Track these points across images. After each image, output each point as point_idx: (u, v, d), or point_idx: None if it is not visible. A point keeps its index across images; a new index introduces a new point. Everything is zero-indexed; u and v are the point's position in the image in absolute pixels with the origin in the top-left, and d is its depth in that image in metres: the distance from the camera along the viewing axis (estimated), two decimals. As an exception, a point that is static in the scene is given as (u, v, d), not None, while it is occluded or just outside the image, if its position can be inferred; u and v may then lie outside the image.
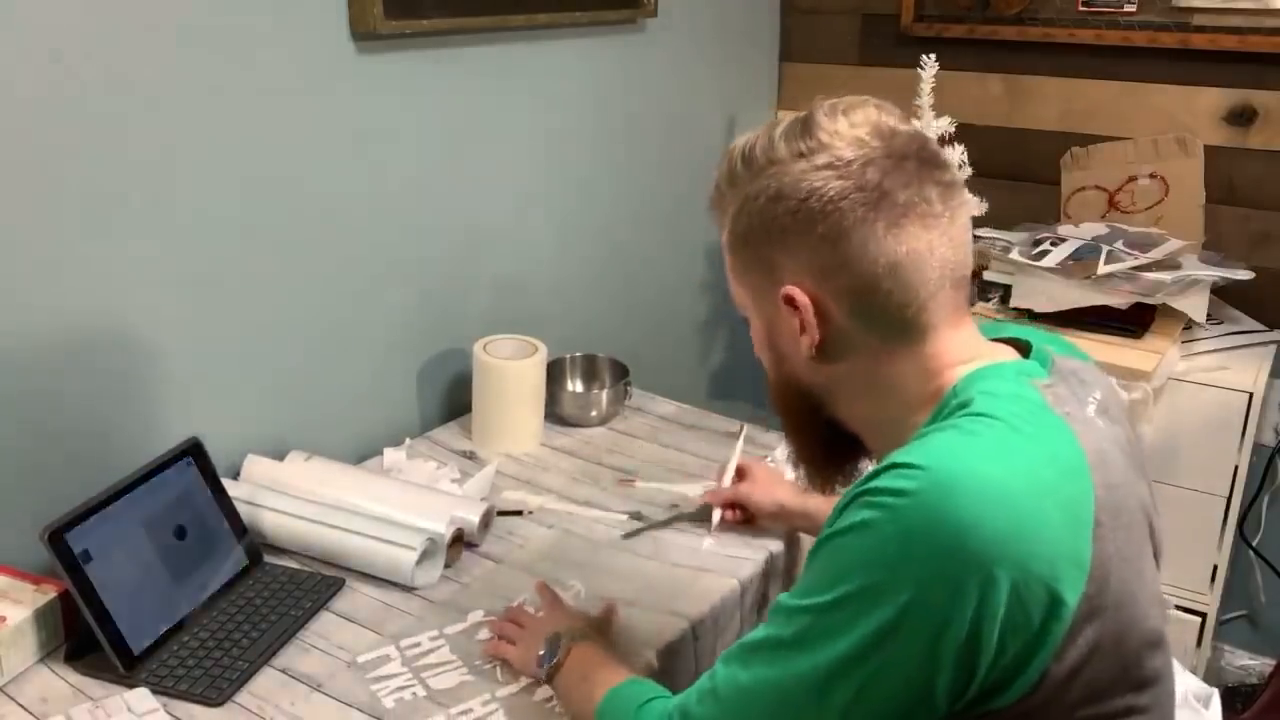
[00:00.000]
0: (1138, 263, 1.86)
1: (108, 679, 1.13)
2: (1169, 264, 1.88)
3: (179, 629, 1.20)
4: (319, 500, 1.40)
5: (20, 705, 1.09)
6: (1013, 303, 1.96)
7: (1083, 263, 1.88)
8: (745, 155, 0.89)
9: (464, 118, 1.74)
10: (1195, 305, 1.89)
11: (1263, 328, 2.02)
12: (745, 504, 1.43)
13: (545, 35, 1.85)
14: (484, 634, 1.22)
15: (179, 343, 1.41)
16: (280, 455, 1.51)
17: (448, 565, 1.35)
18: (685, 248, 2.36)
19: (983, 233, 2.10)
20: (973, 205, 1.98)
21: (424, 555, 1.30)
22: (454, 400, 1.82)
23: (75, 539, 1.13)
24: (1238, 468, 1.83)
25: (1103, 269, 1.85)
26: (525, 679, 1.14)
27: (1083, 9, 2.12)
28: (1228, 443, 1.82)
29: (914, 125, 0.89)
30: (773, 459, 1.62)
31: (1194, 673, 1.72)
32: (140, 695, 1.09)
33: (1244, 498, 1.87)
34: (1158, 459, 1.86)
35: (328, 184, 1.55)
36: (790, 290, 0.86)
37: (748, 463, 1.47)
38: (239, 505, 1.35)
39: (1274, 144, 2.02)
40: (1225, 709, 1.21)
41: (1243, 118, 2.03)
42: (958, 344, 0.87)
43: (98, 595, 1.13)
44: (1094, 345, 1.86)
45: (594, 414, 1.77)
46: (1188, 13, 2.02)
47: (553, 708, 1.10)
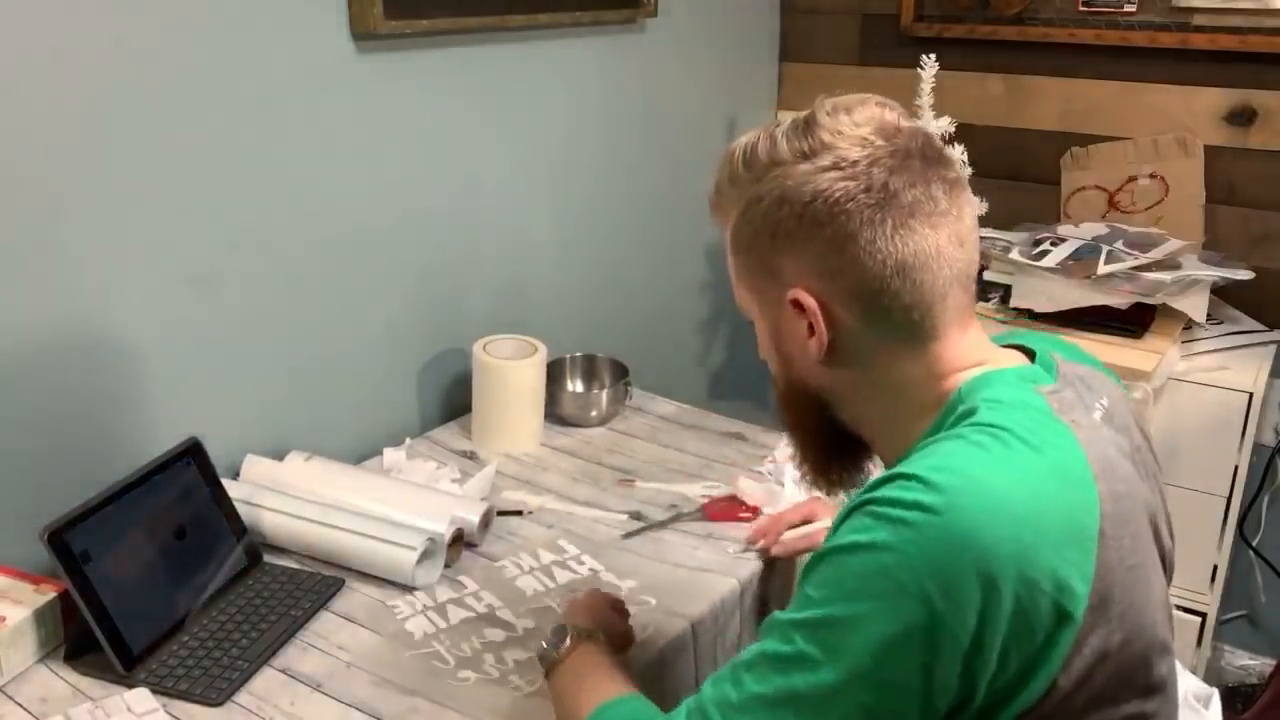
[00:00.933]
0: (1138, 263, 1.87)
1: (107, 679, 1.13)
2: (1169, 264, 1.88)
3: (179, 629, 1.20)
4: (319, 500, 1.40)
5: (20, 705, 1.09)
6: (1013, 303, 1.96)
7: (1083, 263, 1.88)
8: (746, 157, 0.88)
9: (464, 118, 1.74)
10: (1195, 305, 1.89)
11: (1263, 328, 2.02)
12: (823, 512, 1.37)
13: (545, 35, 1.85)
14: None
15: (179, 343, 1.41)
16: (280, 455, 1.51)
17: (447, 565, 1.35)
18: (685, 248, 2.36)
19: (983, 233, 2.09)
20: (975, 204, 1.99)
21: (424, 555, 1.30)
22: (454, 400, 1.82)
23: (75, 539, 1.13)
24: (1238, 468, 1.83)
25: (1103, 269, 1.85)
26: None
27: (1083, 9, 2.12)
28: (1228, 443, 1.82)
29: (916, 122, 0.88)
30: (773, 459, 1.62)
31: (1194, 673, 1.72)
32: (140, 695, 1.09)
33: (1244, 498, 1.87)
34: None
35: (327, 184, 1.55)
36: (797, 294, 0.85)
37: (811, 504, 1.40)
38: (239, 505, 1.35)
39: (1274, 144, 2.02)
40: (1225, 709, 1.21)
41: (1243, 118, 2.03)
42: (965, 347, 0.86)
43: (97, 595, 1.13)
44: (1094, 345, 1.86)
45: (594, 414, 1.77)
46: (1188, 13, 2.02)
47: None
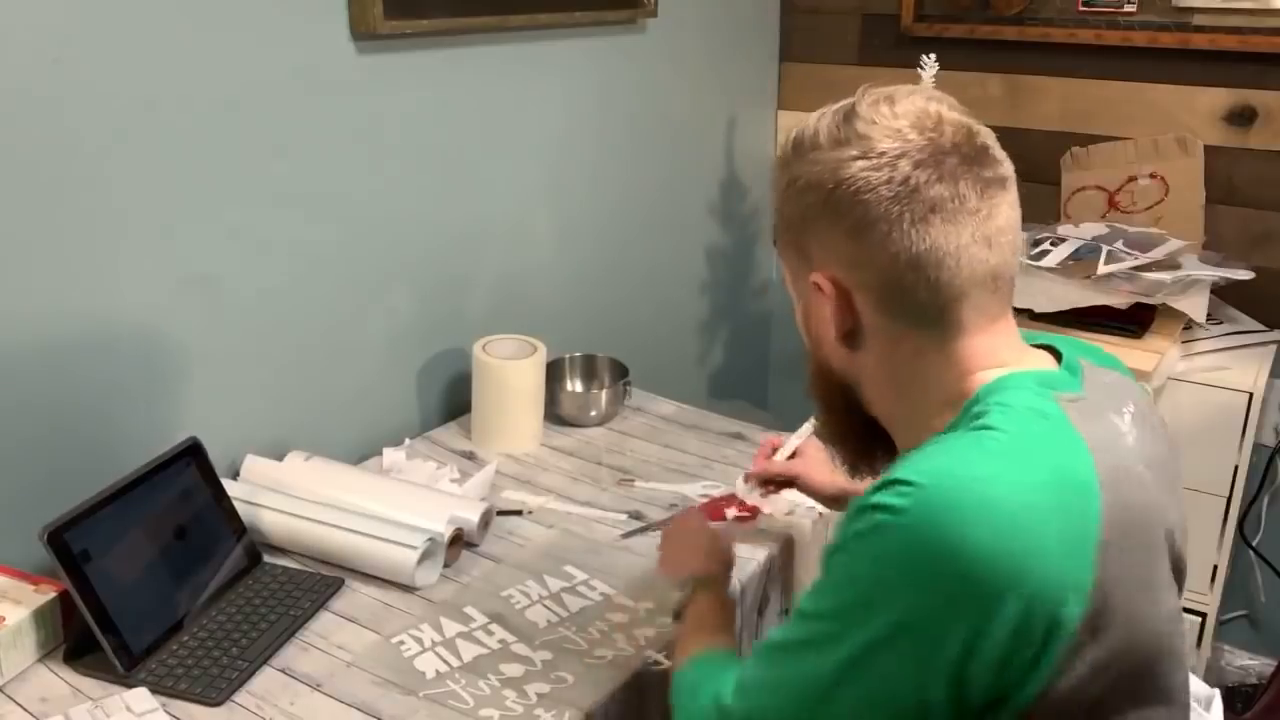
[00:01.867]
0: (1138, 263, 1.86)
1: (107, 679, 1.13)
2: (1169, 264, 1.88)
3: (178, 629, 1.20)
4: (319, 500, 1.40)
5: (19, 705, 1.09)
6: (1013, 303, 1.96)
7: (1083, 263, 1.88)
8: (797, 139, 0.89)
9: (464, 118, 1.74)
10: (1195, 305, 1.89)
11: (1263, 328, 2.02)
12: (801, 482, 1.38)
13: (545, 35, 1.85)
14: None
15: (179, 342, 1.41)
16: (280, 455, 1.51)
17: (447, 565, 1.35)
18: (685, 248, 2.36)
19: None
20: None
21: (424, 555, 1.30)
22: (454, 400, 1.82)
23: (75, 539, 1.13)
24: (1238, 468, 1.83)
25: (1103, 269, 1.85)
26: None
27: (1083, 9, 2.12)
28: (1228, 443, 1.82)
29: (967, 118, 0.88)
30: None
31: (1194, 673, 1.72)
32: (139, 695, 1.09)
33: (1244, 498, 1.87)
34: (1158, 459, 1.86)
35: (327, 184, 1.55)
36: (818, 278, 0.86)
37: (803, 444, 1.41)
38: (239, 505, 1.35)
39: (1274, 144, 2.02)
40: (1227, 710, 1.21)
41: (1243, 118, 2.03)
42: (988, 348, 0.85)
43: (97, 595, 1.13)
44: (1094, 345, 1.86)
45: (594, 414, 1.77)
46: (1188, 13, 2.02)
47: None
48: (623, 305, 2.21)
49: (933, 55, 1.95)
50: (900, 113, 0.85)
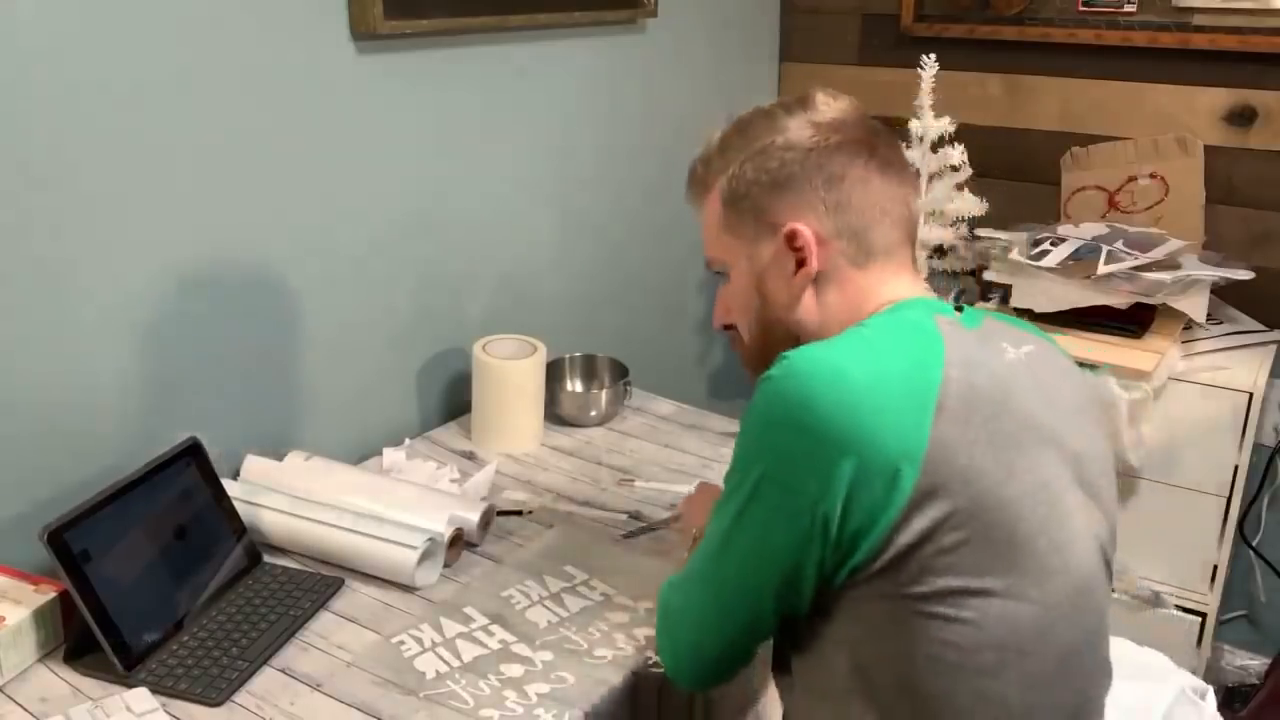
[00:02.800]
0: (1138, 263, 1.86)
1: (107, 679, 1.13)
2: (1169, 264, 1.88)
3: (178, 629, 1.20)
4: (319, 500, 1.40)
5: (19, 705, 1.09)
6: (1013, 303, 1.96)
7: (1083, 263, 1.88)
8: (740, 127, 1.05)
9: (464, 118, 1.74)
10: (1195, 305, 1.89)
11: (1263, 328, 2.02)
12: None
13: (545, 35, 1.85)
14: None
15: (179, 342, 1.41)
16: (280, 455, 1.51)
17: (447, 565, 1.35)
18: (685, 248, 2.36)
19: (983, 233, 2.10)
20: (973, 204, 1.99)
21: (424, 555, 1.30)
22: (454, 400, 1.83)
23: (75, 539, 1.13)
24: (1238, 468, 1.83)
25: (1103, 269, 1.85)
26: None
27: (1083, 9, 2.12)
28: (1228, 443, 1.82)
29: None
30: None
31: (1194, 673, 1.72)
32: (139, 695, 1.09)
33: (1244, 498, 1.87)
34: (1158, 459, 1.86)
35: (327, 184, 1.55)
36: (796, 226, 0.99)
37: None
38: (238, 505, 1.35)
39: (1274, 144, 2.02)
40: (1225, 709, 1.22)
41: (1243, 118, 2.03)
42: (905, 284, 1.01)
43: (97, 595, 1.13)
44: (1094, 345, 1.86)
45: (593, 414, 1.77)
46: (1188, 13, 2.02)
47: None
48: (623, 305, 2.21)
49: (933, 55, 1.95)
50: (845, 102, 1.04)
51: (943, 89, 1.97)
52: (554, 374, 1.79)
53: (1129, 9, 2.07)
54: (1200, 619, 1.92)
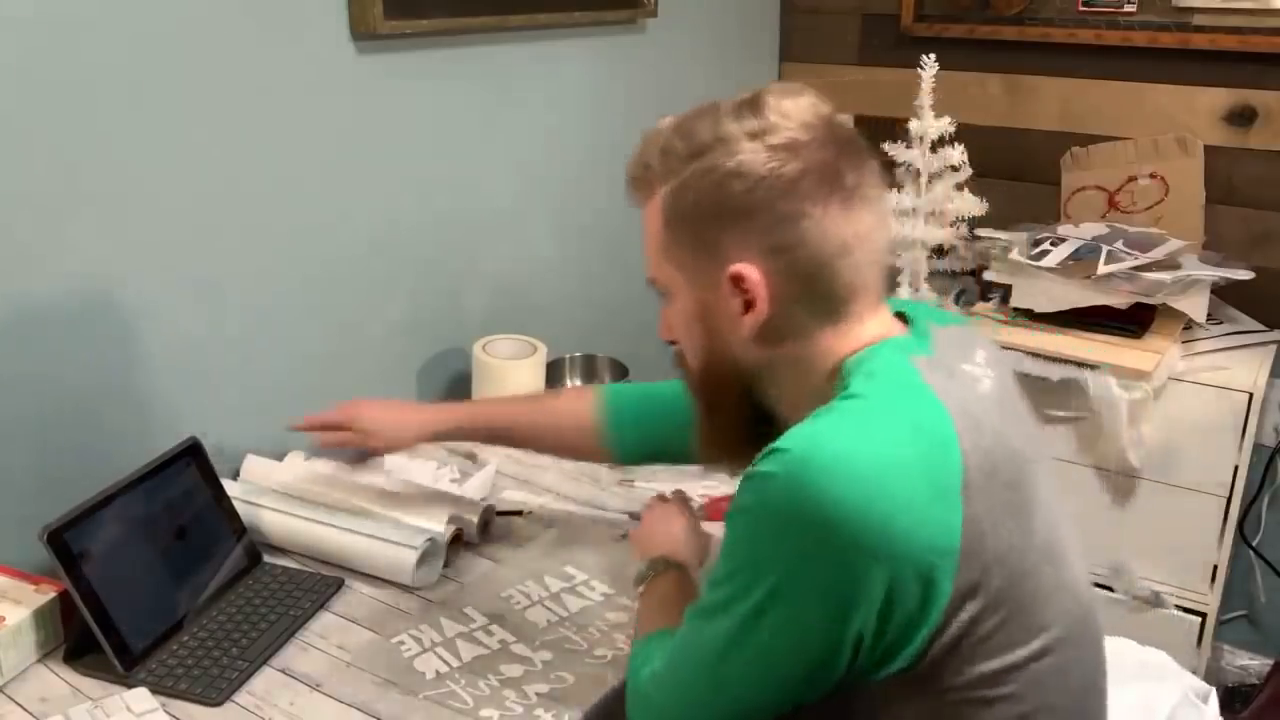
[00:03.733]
0: (1138, 263, 1.86)
1: (107, 679, 1.13)
2: (1169, 264, 1.88)
3: (178, 629, 1.20)
4: (319, 500, 1.40)
5: (19, 705, 1.09)
6: (1013, 303, 1.96)
7: (1083, 263, 1.88)
8: (683, 129, 0.90)
9: (464, 118, 1.74)
10: (1195, 305, 1.89)
11: (1263, 328, 2.02)
12: (363, 429, 1.35)
13: (545, 35, 1.85)
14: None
15: (178, 342, 1.41)
16: (280, 455, 1.51)
17: (447, 565, 1.35)
18: (685, 248, 2.36)
19: (983, 233, 2.10)
20: (973, 204, 1.98)
21: (424, 555, 1.30)
22: (453, 400, 1.82)
23: (75, 539, 1.13)
24: (1238, 468, 1.83)
25: (1103, 269, 1.85)
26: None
27: (1083, 9, 2.12)
28: (1228, 443, 1.81)
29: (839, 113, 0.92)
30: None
31: (1194, 673, 1.72)
32: (139, 695, 1.09)
33: (1244, 498, 1.87)
34: (1158, 459, 1.86)
35: (327, 184, 1.55)
36: (740, 268, 0.86)
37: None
38: (238, 505, 1.35)
39: (1274, 144, 2.02)
40: (1225, 710, 1.21)
41: (1243, 118, 2.03)
42: (873, 326, 0.90)
43: (97, 595, 1.13)
44: (1094, 345, 1.86)
45: (594, 414, 1.77)
46: (1188, 13, 2.02)
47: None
48: (623, 305, 2.20)
49: (933, 55, 1.95)
50: (803, 105, 0.88)
51: (943, 89, 1.97)
52: (554, 374, 1.79)
53: (1129, 9, 2.07)
54: (1200, 619, 1.92)
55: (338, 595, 1.29)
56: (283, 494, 1.40)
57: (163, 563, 1.22)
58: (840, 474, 0.75)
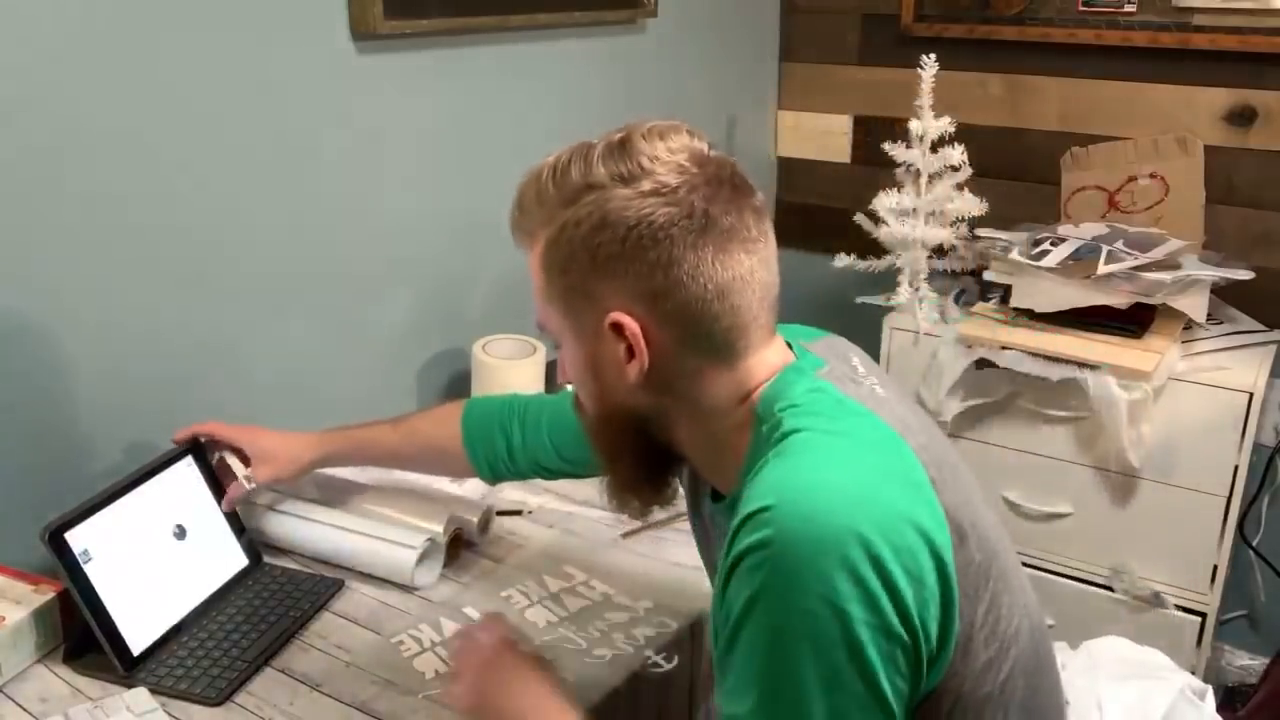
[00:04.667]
0: (1138, 263, 1.86)
1: (107, 679, 1.13)
2: (1169, 264, 1.88)
3: (178, 629, 1.20)
4: (319, 500, 1.40)
5: (19, 705, 1.09)
6: (1013, 303, 1.96)
7: (1083, 263, 1.88)
8: (557, 176, 0.87)
9: (464, 117, 1.74)
10: (1195, 305, 1.89)
11: (1263, 328, 2.01)
12: (260, 457, 1.33)
13: (545, 35, 1.85)
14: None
15: (178, 343, 1.41)
16: (280, 455, 1.51)
17: (446, 565, 1.35)
18: (685, 248, 2.36)
19: (983, 233, 2.09)
20: (973, 204, 1.98)
21: (424, 555, 1.30)
22: (454, 400, 1.82)
23: (75, 539, 1.13)
24: (1238, 468, 1.82)
25: (1103, 269, 1.85)
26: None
27: (1083, 9, 2.12)
28: (1228, 443, 1.81)
29: (722, 152, 0.90)
30: None
31: (1193, 672, 1.72)
32: (139, 695, 1.09)
33: (1244, 498, 1.87)
34: (1158, 459, 1.86)
35: (327, 184, 1.55)
36: (618, 317, 0.85)
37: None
38: (239, 505, 1.35)
39: (1274, 144, 2.02)
40: (1225, 709, 1.22)
41: (1243, 118, 2.03)
42: (766, 362, 0.88)
43: (97, 595, 1.13)
44: (1094, 345, 1.86)
45: (594, 414, 1.77)
46: (1188, 13, 2.02)
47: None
48: (623, 305, 2.20)
49: (933, 55, 1.95)
50: (675, 147, 0.85)
51: (943, 89, 1.96)
52: (554, 374, 1.79)
53: (1129, 9, 2.07)
54: (1200, 619, 1.91)
55: (338, 595, 1.29)
56: (283, 494, 1.41)
57: (163, 563, 1.22)
58: (835, 499, 0.75)
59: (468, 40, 1.71)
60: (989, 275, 2.00)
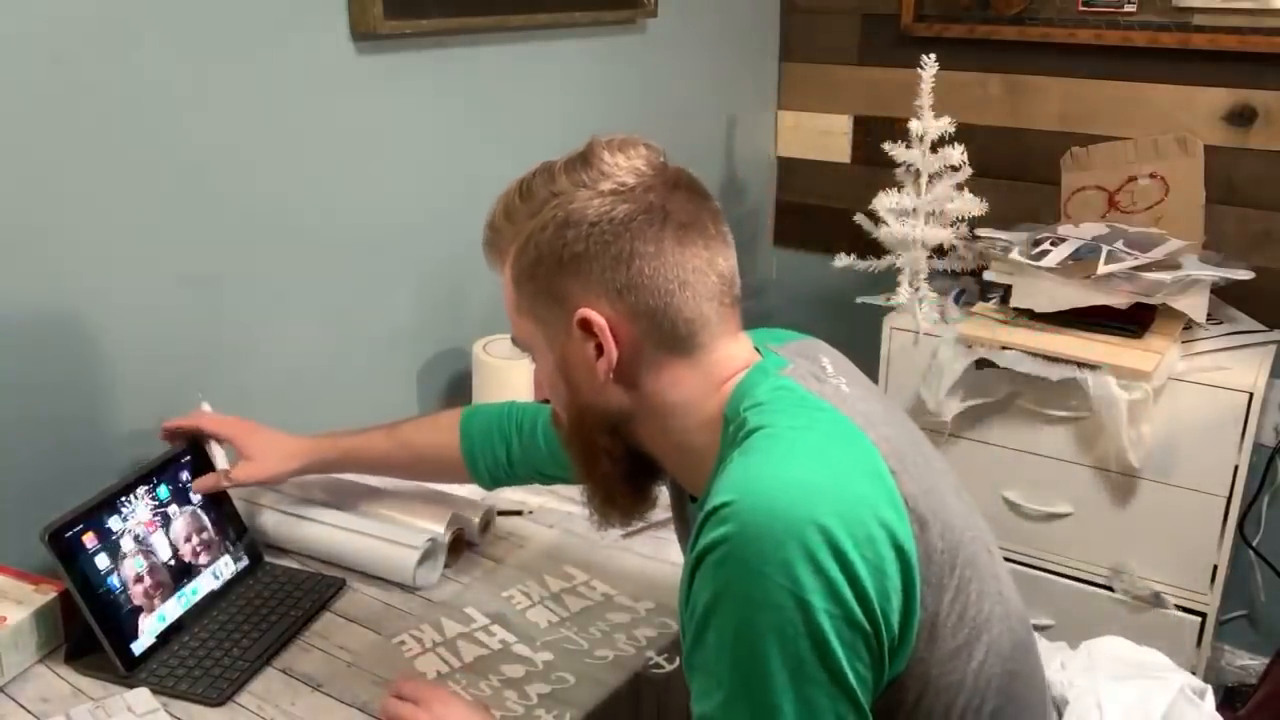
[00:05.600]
0: (1138, 263, 1.86)
1: (108, 679, 1.13)
2: (1169, 264, 1.88)
3: (179, 629, 1.20)
4: (319, 500, 1.40)
5: (20, 705, 1.09)
6: (1013, 303, 1.96)
7: (1083, 263, 1.88)
8: (523, 191, 0.92)
9: (464, 118, 1.74)
10: (1195, 305, 1.89)
11: (1263, 328, 2.02)
12: (248, 454, 1.32)
13: (545, 35, 1.85)
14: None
15: (178, 343, 1.41)
16: (280, 455, 1.51)
17: (448, 565, 1.35)
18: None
19: (983, 233, 2.10)
20: (973, 204, 1.99)
21: (425, 555, 1.30)
22: (454, 400, 1.82)
23: (75, 539, 1.13)
24: (1238, 468, 1.83)
25: (1103, 269, 1.85)
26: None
27: (1083, 9, 2.12)
28: (1228, 443, 1.82)
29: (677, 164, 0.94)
30: None
31: (1194, 672, 1.72)
32: (140, 695, 1.09)
33: (1244, 498, 1.87)
34: (1158, 459, 1.86)
35: (327, 184, 1.55)
36: (586, 313, 0.88)
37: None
38: (239, 505, 1.35)
39: (1274, 144, 2.02)
40: (1226, 709, 1.22)
41: (1243, 118, 2.03)
42: (732, 359, 0.91)
43: (97, 595, 1.13)
44: (1094, 345, 1.86)
45: (594, 414, 1.77)
46: (1188, 13, 2.02)
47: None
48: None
49: (933, 55, 1.95)
50: (633, 156, 0.91)
51: (943, 89, 1.96)
52: (554, 374, 1.79)
53: (1129, 9, 2.07)
54: (1200, 619, 1.92)
55: (339, 595, 1.29)
56: (283, 494, 1.41)
57: (163, 563, 1.22)
58: (794, 492, 0.77)
59: (467, 40, 1.71)
60: (989, 275, 2.00)
